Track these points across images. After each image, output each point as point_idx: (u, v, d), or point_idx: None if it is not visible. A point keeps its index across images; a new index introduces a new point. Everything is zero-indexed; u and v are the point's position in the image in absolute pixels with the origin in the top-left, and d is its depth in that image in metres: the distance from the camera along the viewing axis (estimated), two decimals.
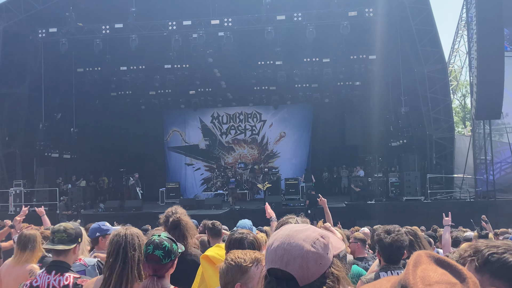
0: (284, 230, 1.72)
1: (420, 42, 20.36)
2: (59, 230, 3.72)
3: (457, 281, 1.08)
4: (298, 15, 20.57)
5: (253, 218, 17.52)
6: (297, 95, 27.87)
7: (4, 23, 21.03)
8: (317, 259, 1.62)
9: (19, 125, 22.90)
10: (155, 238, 3.19)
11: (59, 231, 3.72)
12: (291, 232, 1.69)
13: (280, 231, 1.72)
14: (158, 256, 3.12)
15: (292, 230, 1.71)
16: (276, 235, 1.70)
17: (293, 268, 1.60)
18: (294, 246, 1.64)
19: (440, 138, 21.32)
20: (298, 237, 1.67)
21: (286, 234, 1.69)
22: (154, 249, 3.13)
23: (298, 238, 1.66)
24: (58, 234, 3.70)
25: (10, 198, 22.00)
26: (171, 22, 21.06)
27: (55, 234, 3.70)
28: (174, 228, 4.51)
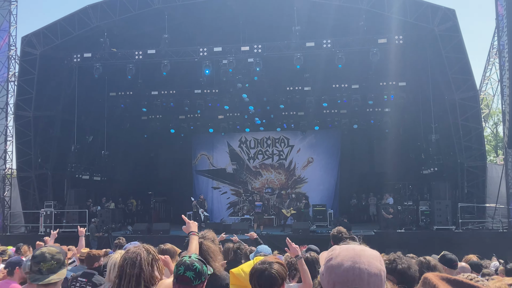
0: (347, 249, 1.72)
1: (451, 69, 20.29)
2: (46, 258, 3.20)
3: None
4: (327, 41, 20.79)
5: (280, 243, 17.50)
6: (325, 120, 27.94)
7: (41, 48, 21.81)
8: (385, 276, 1.66)
9: (52, 147, 23.54)
10: (186, 259, 3.27)
11: (45, 259, 3.20)
12: (358, 251, 1.69)
13: (342, 250, 1.72)
14: (189, 277, 3.18)
15: (357, 248, 1.72)
16: (336, 259, 1.69)
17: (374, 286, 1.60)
18: (369, 265, 1.64)
19: (472, 167, 21.03)
20: (367, 254, 1.67)
21: (353, 255, 1.68)
22: (185, 271, 3.19)
23: (368, 256, 1.66)
24: (45, 264, 3.18)
25: (40, 219, 22.49)
26: (202, 49, 21.53)
27: (42, 264, 3.18)
28: None
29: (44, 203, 22.86)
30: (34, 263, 3.21)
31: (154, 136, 30.12)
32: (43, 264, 3.17)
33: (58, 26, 21.73)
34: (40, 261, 3.19)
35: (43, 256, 3.22)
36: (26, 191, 23.22)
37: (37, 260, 3.20)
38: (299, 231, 21.11)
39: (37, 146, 22.92)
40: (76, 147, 23.49)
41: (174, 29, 21.85)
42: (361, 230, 21.70)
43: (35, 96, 22.15)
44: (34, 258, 3.25)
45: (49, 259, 3.20)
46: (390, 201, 24.08)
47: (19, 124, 22.63)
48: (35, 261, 3.20)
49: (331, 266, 1.67)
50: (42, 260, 3.19)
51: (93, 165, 25.63)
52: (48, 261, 3.19)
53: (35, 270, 3.17)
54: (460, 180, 21.26)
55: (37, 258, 3.22)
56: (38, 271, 3.16)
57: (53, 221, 22.27)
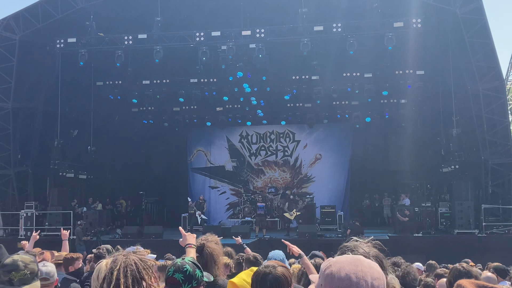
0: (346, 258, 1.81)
1: (474, 56, 20.19)
2: (18, 267, 3.04)
3: None
4: (337, 25, 20.71)
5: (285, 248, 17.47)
6: (335, 113, 27.89)
7: (21, 32, 21.77)
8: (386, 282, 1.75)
9: (33, 142, 23.53)
10: (178, 261, 3.28)
11: (18, 268, 3.04)
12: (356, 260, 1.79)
13: (340, 258, 1.81)
14: (177, 279, 3.18)
15: (355, 257, 1.81)
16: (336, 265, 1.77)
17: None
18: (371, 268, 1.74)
19: (497, 164, 20.96)
20: (366, 262, 1.77)
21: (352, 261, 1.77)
22: (175, 272, 3.20)
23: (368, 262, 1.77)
24: (17, 274, 3.02)
25: (20, 221, 22.49)
26: (199, 33, 21.46)
27: (14, 274, 3.02)
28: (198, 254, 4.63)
29: (25, 204, 22.86)
30: (3, 272, 3.02)
31: (145, 130, 30.11)
32: (15, 274, 3.00)
33: (40, 8, 21.66)
34: (11, 270, 3.01)
35: (15, 265, 3.04)
36: (4, 190, 23.23)
37: (7, 269, 3.02)
38: (305, 235, 21.09)
39: (17, 140, 22.90)
40: (60, 142, 23.46)
41: (168, 11, 21.76)
42: (373, 235, 21.69)
43: (14, 85, 22.11)
44: (3, 266, 3.06)
45: (22, 268, 3.03)
46: (407, 202, 24.05)
47: None
48: (5, 270, 3.02)
49: (331, 273, 1.74)
50: (14, 269, 3.02)
51: (78, 162, 25.63)
52: (21, 271, 3.02)
53: (5, 280, 2.99)
54: (484, 179, 21.20)
55: (8, 266, 3.04)
56: (8, 281, 2.98)
57: (34, 223, 22.27)
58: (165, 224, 26.23)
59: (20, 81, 22.37)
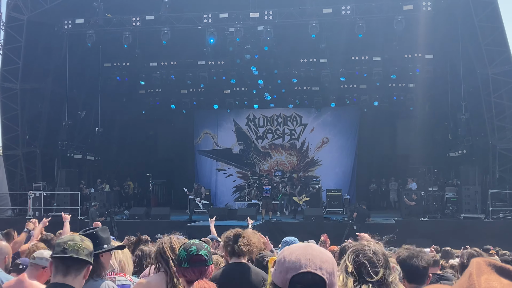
0: (297, 245, 1.95)
1: (484, 40, 20.01)
2: (74, 240, 3.03)
3: None
4: (346, 8, 20.53)
5: (291, 232, 17.55)
6: (342, 96, 27.79)
7: (29, 13, 21.72)
8: (336, 267, 1.83)
9: (41, 123, 23.60)
10: (193, 241, 3.31)
11: (73, 240, 3.03)
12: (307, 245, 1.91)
13: (290, 247, 1.91)
14: (204, 256, 3.19)
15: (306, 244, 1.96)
16: (288, 250, 1.88)
17: (326, 272, 1.77)
18: (321, 252, 1.83)
19: (505, 149, 20.87)
20: (317, 247, 1.88)
21: (303, 246, 1.90)
22: (198, 250, 3.21)
23: (318, 249, 1.87)
24: (72, 244, 2.98)
25: (29, 201, 22.65)
26: (207, 15, 21.31)
27: (69, 243, 2.99)
28: None
29: (33, 184, 23.01)
30: (59, 243, 3.00)
31: (153, 112, 30.15)
32: (70, 244, 2.96)
33: None
34: (67, 241, 2.98)
35: (72, 238, 3.04)
36: (13, 170, 23.37)
37: (63, 241, 3.00)
38: (311, 218, 21.16)
39: (25, 121, 22.98)
40: (68, 123, 23.52)
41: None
42: (380, 219, 21.74)
43: (22, 66, 22.14)
44: (60, 239, 3.07)
45: (78, 242, 3.00)
46: (413, 187, 24.04)
47: (5, 97, 22.66)
48: (61, 241, 3.01)
49: (283, 257, 1.85)
50: (70, 240, 3.00)
51: (86, 143, 25.72)
52: (77, 243, 2.99)
53: (59, 251, 2.94)
54: (492, 164, 21.13)
55: (64, 238, 3.04)
56: (62, 250, 2.93)
57: (43, 204, 22.44)
58: (172, 205, 26.40)
59: (28, 62, 22.39)
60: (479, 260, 1.18)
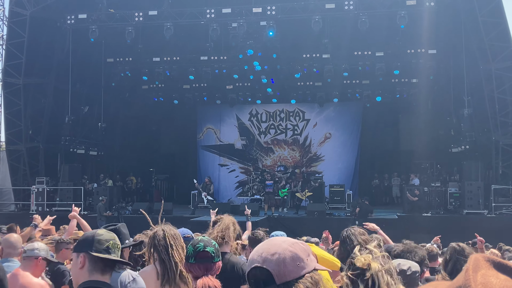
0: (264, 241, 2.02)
1: (488, 36, 19.97)
2: (116, 240, 2.95)
3: None
4: (349, 3, 20.49)
5: (293, 226, 17.52)
6: (345, 92, 27.75)
7: (32, 8, 21.72)
8: (295, 259, 1.84)
9: (44, 118, 23.63)
10: (201, 237, 3.31)
11: (115, 240, 2.94)
12: (273, 238, 2.02)
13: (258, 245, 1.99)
14: (210, 253, 3.21)
15: (274, 237, 2.05)
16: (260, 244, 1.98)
17: (270, 264, 1.82)
18: (273, 245, 1.89)
19: (508, 145, 20.85)
20: (277, 239, 1.95)
21: (265, 241, 2.00)
22: (205, 246, 3.22)
23: (278, 240, 1.93)
24: (115, 244, 2.91)
25: (32, 196, 22.72)
26: (209, 10, 21.31)
27: (111, 244, 2.90)
28: None
29: (36, 179, 23.08)
30: (101, 240, 2.87)
31: (155, 108, 30.16)
32: (113, 243, 2.88)
33: None
34: (109, 239, 2.90)
35: (113, 236, 2.95)
36: (16, 165, 23.43)
37: (104, 238, 2.89)
38: (314, 214, 21.18)
39: (28, 116, 23.02)
40: (71, 118, 23.57)
41: None
42: (382, 214, 21.77)
43: (25, 61, 22.16)
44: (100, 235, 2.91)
45: (118, 242, 2.94)
46: (416, 182, 24.05)
47: (8, 92, 22.71)
48: (102, 238, 2.88)
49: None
50: (112, 238, 2.92)
51: (89, 138, 25.74)
52: (118, 242, 2.93)
53: (101, 249, 2.84)
54: (494, 160, 21.12)
55: (105, 236, 2.92)
56: (105, 250, 2.84)
57: (45, 198, 22.51)
58: (174, 201, 26.46)
59: (31, 57, 22.40)
60: (478, 256, 1.18)
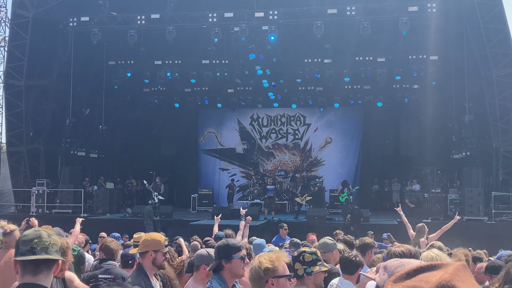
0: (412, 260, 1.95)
1: (489, 42, 20.02)
2: (41, 236, 2.65)
3: None
4: (351, 8, 20.56)
5: (293, 231, 17.54)
6: (346, 97, 27.80)
7: (34, 10, 21.79)
8: None
9: (45, 120, 23.68)
10: None
11: (40, 237, 2.65)
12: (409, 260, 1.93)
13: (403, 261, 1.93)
14: None
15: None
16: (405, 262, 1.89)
17: None
18: None
19: (508, 152, 20.88)
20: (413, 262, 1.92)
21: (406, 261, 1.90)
22: None
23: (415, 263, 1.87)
24: (40, 241, 2.63)
25: (32, 198, 22.74)
26: (212, 14, 21.37)
27: (36, 242, 2.62)
28: None
29: (36, 181, 23.10)
30: (23, 242, 2.63)
31: (157, 111, 30.20)
32: (37, 242, 2.60)
33: None
34: (33, 238, 2.62)
35: (37, 234, 2.66)
36: (16, 167, 23.48)
37: (29, 238, 2.63)
38: (314, 218, 21.19)
39: (29, 118, 23.07)
40: (72, 121, 23.61)
41: None
42: (382, 220, 21.77)
43: (27, 63, 22.23)
44: (24, 236, 2.67)
45: (46, 238, 2.64)
46: (416, 188, 24.04)
47: (9, 94, 22.77)
48: (26, 239, 2.63)
49: None
50: (37, 237, 2.63)
51: (89, 140, 25.79)
52: (44, 239, 2.63)
53: (25, 251, 2.59)
54: (495, 167, 21.14)
55: (30, 236, 2.65)
56: (30, 250, 2.59)
57: (46, 201, 22.54)
58: (174, 204, 26.47)
59: (33, 59, 22.47)
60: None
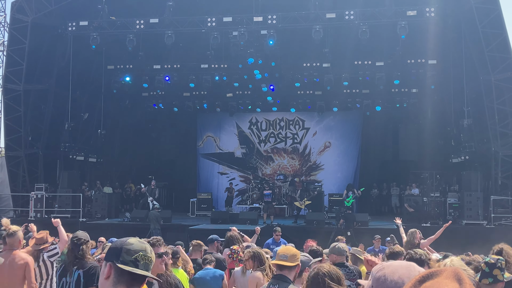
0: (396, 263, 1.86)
1: (488, 47, 20.05)
2: (146, 250, 2.52)
3: None
4: (350, 13, 20.61)
5: (292, 236, 17.50)
6: (345, 101, 27.81)
7: (33, 15, 21.82)
8: None
9: (43, 124, 23.66)
10: None
11: (145, 250, 2.52)
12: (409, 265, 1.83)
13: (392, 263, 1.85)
14: None
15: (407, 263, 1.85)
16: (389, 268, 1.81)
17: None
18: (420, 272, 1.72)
19: (507, 156, 20.88)
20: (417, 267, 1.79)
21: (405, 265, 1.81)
22: None
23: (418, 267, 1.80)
24: (144, 257, 2.50)
25: (31, 202, 22.69)
26: (210, 18, 21.41)
27: (141, 255, 2.49)
28: None
29: (35, 186, 23.07)
30: (129, 250, 2.49)
31: (155, 115, 30.21)
32: (142, 255, 2.48)
33: None
34: (139, 250, 2.49)
35: (144, 247, 2.53)
36: (15, 172, 23.44)
37: (134, 248, 2.49)
38: (313, 223, 21.18)
39: (28, 123, 23.04)
40: (70, 125, 23.61)
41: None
42: (381, 224, 21.75)
43: (26, 67, 22.22)
44: (130, 245, 2.51)
45: (149, 253, 2.53)
46: (415, 192, 24.04)
47: (8, 99, 22.76)
48: (132, 248, 2.49)
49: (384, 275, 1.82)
50: (142, 250, 2.51)
51: (88, 145, 25.79)
52: (148, 255, 2.52)
53: (128, 260, 2.46)
54: (494, 171, 21.14)
55: (135, 246, 2.51)
56: (133, 261, 2.47)
57: (44, 205, 22.48)
58: (173, 208, 26.42)
59: (32, 64, 22.47)
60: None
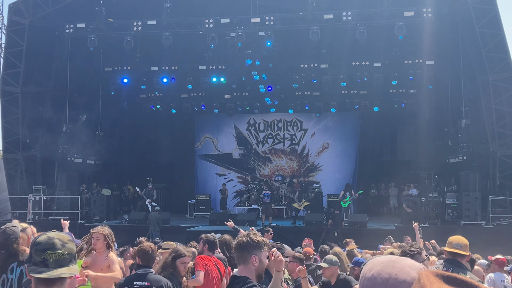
0: (383, 258, 1.83)
1: (485, 47, 20.09)
2: (54, 246, 2.54)
3: None
4: (347, 14, 20.63)
5: (291, 236, 17.52)
6: (343, 102, 27.81)
7: (30, 17, 21.81)
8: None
9: (41, 126, 23.58)
10: None
11: (54, 246, 2.54)
12: (394, 258, 1.80)
13: (378, 258, 1.82)
14: None
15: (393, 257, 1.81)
16: (373, 262, 1.79)
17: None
18: (400, 271, 1.71)
19: (505, 156, 20.91)
20: (402, 263, 1.75)
21: (387, 260, 1.78)
22: None
23: (403, 264, 1.74)
24: (53, 253, 2.52)
25: (29, 205, 22.68)
26: (208, 20, 21.41)
27: (49, 253, 2.51)
28: None
29: (33, 188, 23.03)
30: (36, 251, 2.52)
31: (153, 117, 30.16)
32: (50, 253, 2.50)
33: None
34: (46, 248, 2.52)
35: (51, 243, 2.54)
36: (13, 174, 23.42)
37: (41, 248, 2.52)
38: (311, 224, 21.19)
39: (25, 125, 23.00)
40: (68, 127, 23.57)
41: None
42: (380, 225, 21.79)
43: (23, 70, 22.22)
44: (37, 244, 2.55)
45: (59, 247, 2.53)
46: (414, 192, 24.06)
47: (6, 101, 22.73)
48: (39, 248, 2.52)
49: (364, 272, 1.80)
50: (50, 247, 2.52)
51: (86, 147, 25.71)
52: (58, 250, 2.52)
53: (38, 261, 2.49)
54: (492, 171, 21.18)
55: (42, 245, 2.54)
56: (42, 262, 2.49)
57: (42, 207, 22.49)
58: (172, 210, 26.43)
59: (29, 66, 22.46)
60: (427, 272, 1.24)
